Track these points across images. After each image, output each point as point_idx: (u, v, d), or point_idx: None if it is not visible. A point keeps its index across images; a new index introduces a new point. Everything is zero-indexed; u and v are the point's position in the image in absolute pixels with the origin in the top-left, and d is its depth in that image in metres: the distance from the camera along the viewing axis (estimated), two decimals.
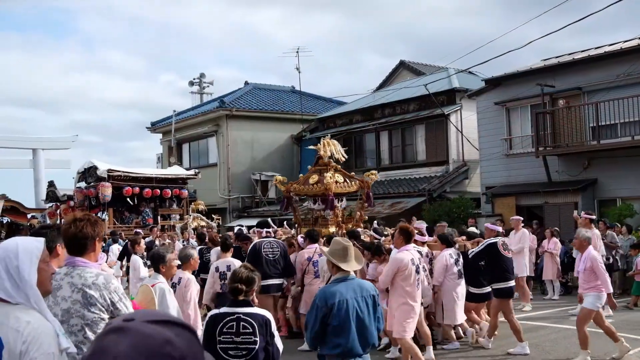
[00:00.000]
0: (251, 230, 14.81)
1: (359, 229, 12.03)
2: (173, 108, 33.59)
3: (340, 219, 12.48)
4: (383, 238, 10.63)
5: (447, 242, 9.87)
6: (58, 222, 21.42)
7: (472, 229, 15.82)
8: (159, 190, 18.90)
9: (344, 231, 11.80)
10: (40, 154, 37.12)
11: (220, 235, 14.12)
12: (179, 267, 6.75)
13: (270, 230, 11.82)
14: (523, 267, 13.50)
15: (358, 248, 9.62)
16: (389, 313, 8.04)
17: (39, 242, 2.88)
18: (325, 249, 8.83)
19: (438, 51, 79.97)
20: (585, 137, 18.07)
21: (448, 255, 9.59)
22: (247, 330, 4.43)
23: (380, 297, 8.28)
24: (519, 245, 13.59)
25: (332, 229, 12.17)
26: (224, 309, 4.62)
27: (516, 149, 20.16)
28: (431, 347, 8.74)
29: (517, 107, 20.17)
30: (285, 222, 16.62)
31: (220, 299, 8.14)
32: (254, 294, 4.71)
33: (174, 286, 6.56)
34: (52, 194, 21.91)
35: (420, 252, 9.04)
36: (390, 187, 23.42)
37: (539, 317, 12.30)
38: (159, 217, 19.60)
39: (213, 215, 21.32)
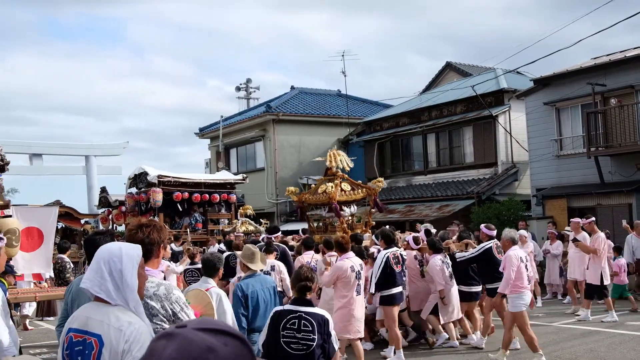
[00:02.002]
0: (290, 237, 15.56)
1: (367, 234, 12.76)
2: (220, 113, 33.94)
3: (345, 225, 13.16)
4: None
5: (434, 248, 10.41)
6: (110, 227, 21.84)
7: (523, 232, 15.69)
8: (207, 195, 19.09)
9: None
10: (93, 161, 37.92)
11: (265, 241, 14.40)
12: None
13: (278, 235, 12.78)
14: (583, 270, 13.15)
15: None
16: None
17: (138, 249, 3.00)
18: (319, 256, 10.00)
19: (485, 52, 79.15)
20: (638, 137, 17.63)
21: (439, 261, 10.18)
22: (307, 328, 4.83)
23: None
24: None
25: (339, 235, 12.52)
26: (287, 307, 5.12)
27: (567, 149, 19.80)
28: (401, 350, 9.21)
29: (568, 107, 19.81)
30: (300, 230, 17.19)
31: None
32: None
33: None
34: (104, 200, 22.32)
35: (402, 255, 9.76)
36: (438, 190, 23.24)
37: (592, 321, 12.04)
38: (207, 222, 19.84)
39: (261, 220, 21.46)
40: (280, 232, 14.14)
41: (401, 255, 9.76)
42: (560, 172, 19.67)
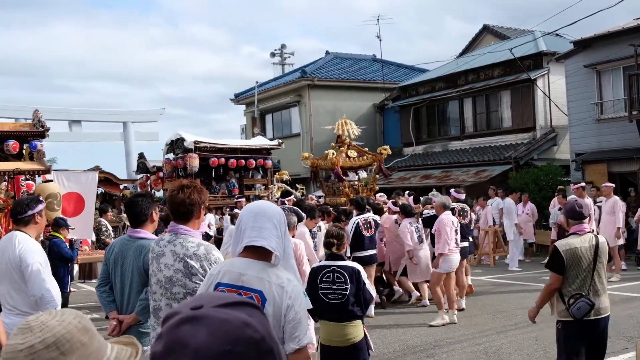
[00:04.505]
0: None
1: (371, 197, 13.52)
2: (256, 79, 33.97)
3: (348, 189, 13.99)
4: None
5: (405, 212, 10.98)
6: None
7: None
8: (243, 161, 19.19)
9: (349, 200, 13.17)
10: (130, 127, 38.32)
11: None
12: None
13: (290, 198, 12.95)
14: (614, 236, 13.00)
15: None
16: None
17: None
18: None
19: (523, 14, 77.49)
20: None
21: (408, 224, 10.76)
22: (340, 279, 5.31)
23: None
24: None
25: (343, 199, 13.62)
26: (322, 262, 5.64)
27: (607, 113, 19.38)
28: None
29: (609, 69, 19.34)
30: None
31: None
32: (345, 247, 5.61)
33: None
34: (142, 166, 22.62)
35: (374, 221, 10.45)
36: (474, 155, 23.03)
37: (633, 288, 11.90)
38: (243, 188, 19.98)
39: (297, 185, 21.55)
40: (292, 196, 14.42)
41: (373, 220, 10.41)
42: (601, 137, 19.30)
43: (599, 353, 5.17)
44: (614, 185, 14.06)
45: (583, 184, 12.83)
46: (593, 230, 5.80)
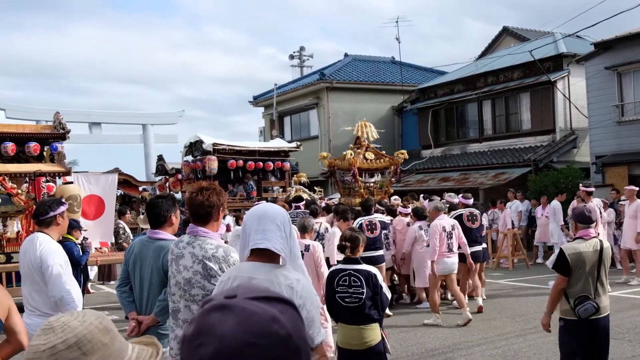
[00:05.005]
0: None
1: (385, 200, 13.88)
2: (274, 82, 34.03)
3: (363, 190, 14.18)
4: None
5: (418, 215, 11.20)
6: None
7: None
8: (261, 163, 19.21)
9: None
10: (150, 129, 38.44)
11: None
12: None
13: (303, 203, 13.13)
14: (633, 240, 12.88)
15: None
16: None
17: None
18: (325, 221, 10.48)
19: (543, 15, 77.06)
20: None
21: (417, 227, 10.98)
22: (357, 283, 5.30)
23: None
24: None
25: (358, 200, 13.63)
26: (339, 266, 5.59)
27: (628, 115, 19.20)
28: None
29: (630, 71, 19.17)
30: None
31: None
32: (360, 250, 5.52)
33: (302, 253, 7.08)
34: (161, 168, 22.68)
35: (380, 222, 10.64)
36: (493, 158, 22.91)
37: None
38: (261, 190, 20.01)
39: (315, 188, 21.53)
40: (304, 201, 14.46)
41: (379, 222, 10.63)
42: (621, 139, 19.13)
43: (602, 351, 5.37)
44: (637, 188, 13.89)
45: (592, 189, 12.67)
46: (598, 234, 5.87)
